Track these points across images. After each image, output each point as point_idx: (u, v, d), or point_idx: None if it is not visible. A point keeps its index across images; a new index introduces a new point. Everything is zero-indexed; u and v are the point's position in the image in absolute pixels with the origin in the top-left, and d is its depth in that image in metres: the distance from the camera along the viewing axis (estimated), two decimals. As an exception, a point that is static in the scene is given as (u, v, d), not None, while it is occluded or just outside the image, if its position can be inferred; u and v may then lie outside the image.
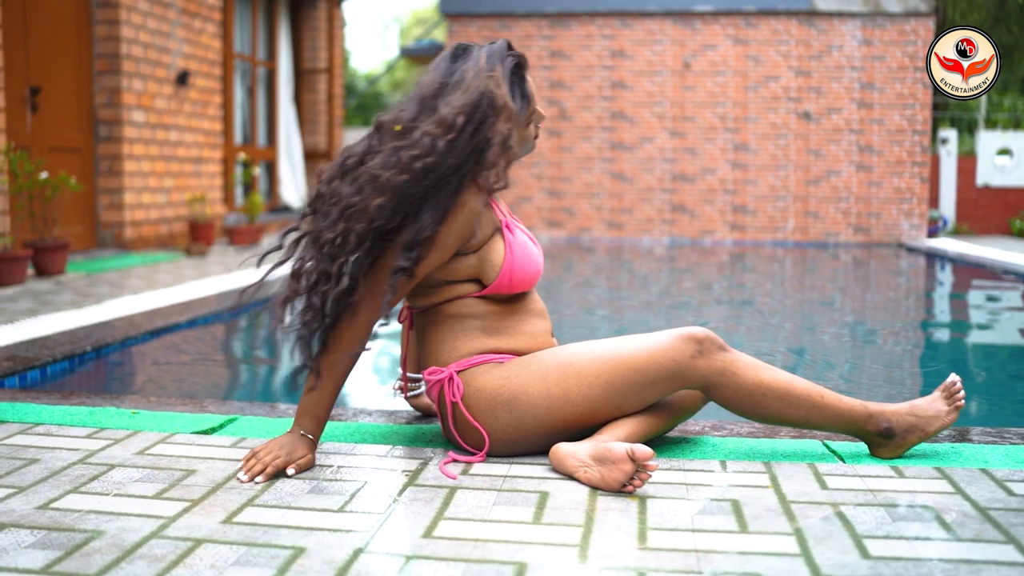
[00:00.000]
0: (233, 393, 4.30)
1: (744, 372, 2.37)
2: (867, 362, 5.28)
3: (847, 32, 13.34)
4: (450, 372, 2.42)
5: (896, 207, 13.49)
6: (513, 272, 2.43)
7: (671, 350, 2.35)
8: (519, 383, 2.38)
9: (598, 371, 2.37)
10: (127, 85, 8.69)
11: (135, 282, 6.72)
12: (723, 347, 2.37)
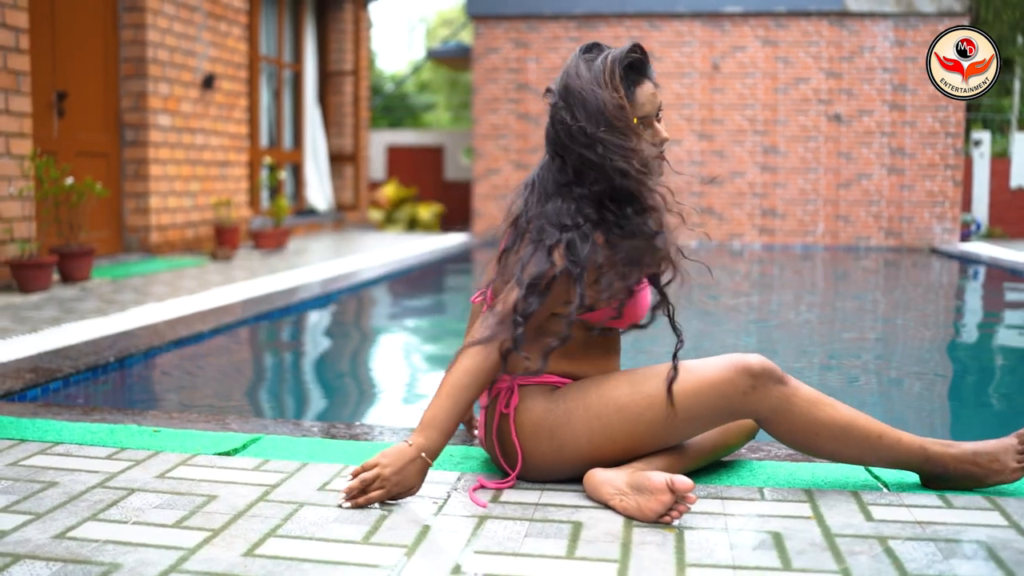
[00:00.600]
0: (257, 407, 4.23)
1: (800, 409, 2.25)
2: (898, 373, 5.15)
3: (879, 33, 13.16)
4: (513, 383, 2.33)
5: (928, 211, 13.30)
6: (638, 307, 2.35)
7: (722, 385, 2.22)
8: (564, 411, 2.29)
9: (642, 407, 2.26)
10: (153, 89, 8.67)
11: (160, 288, 6.68)
12: (780, 379, 2.24)
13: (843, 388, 4.63)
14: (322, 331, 6.42)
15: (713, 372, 2.23)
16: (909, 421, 4.05)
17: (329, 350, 5.75)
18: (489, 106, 13.82)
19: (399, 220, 14.61)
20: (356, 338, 6.28)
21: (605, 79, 2.26)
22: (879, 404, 4.38)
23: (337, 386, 4.84)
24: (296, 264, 8.69)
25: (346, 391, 4.73)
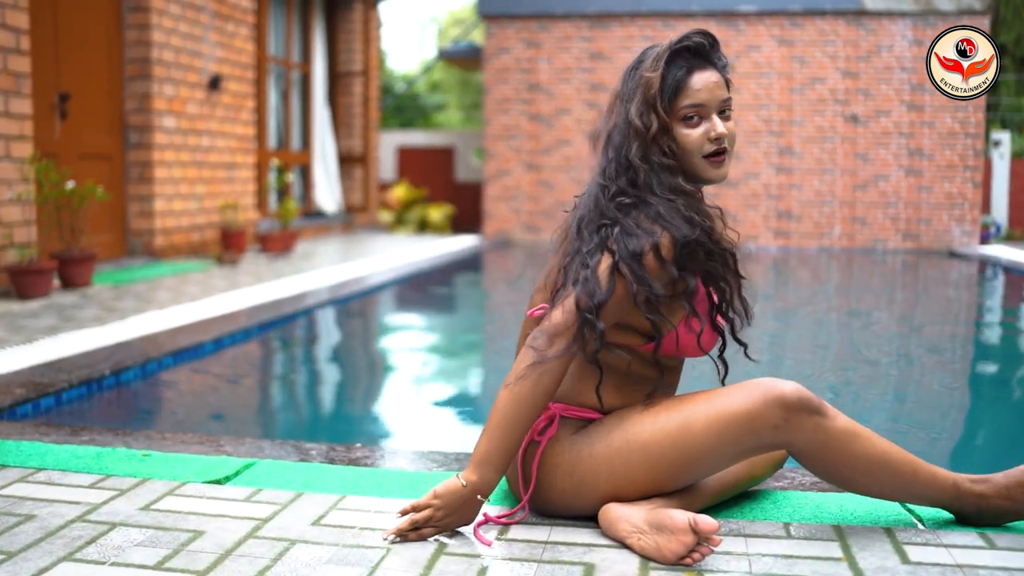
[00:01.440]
0: (255, 424, 4.07)
1: (836, 443, 2.06)
2: (917, 387, 4.98)
3: (897, 32, 12.94)
4: (556, 412, 2.17)
5: (947, 213, 13.09)
6: (703, 338, 2.16)
7: (751, 419, 2.02)
8: (587, 446, 2.12)
9: (665, 447, 2.07)
10: (158, 90, 8.53)
11: (162, 294, 6.54)
12: (816, 409, 2.03)
13: (859, 401, 4.46)
14: (327, 340, 6.27)
15: (741, 404, 2.03)
16: (931, 447, 3.88)
17: (334, 361, 5.60)
18: (500, 107, 13.66)
19: (409, 222, 14.46)
20: (362, 349, 6.12)
21: (650, 62, 2.13)
22: (898, 423, 4.20)
23: (341, 401, 4.68)
24: (303, 268, 8.54)
25: (350, 407, 4.57)
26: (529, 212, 13.67)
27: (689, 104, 2.10)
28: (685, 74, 2.11)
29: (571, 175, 13.50)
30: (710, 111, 2.12)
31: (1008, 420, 4.40)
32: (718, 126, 2.11)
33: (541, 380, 2.03)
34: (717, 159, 2.13)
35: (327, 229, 13.00)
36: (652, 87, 2.11)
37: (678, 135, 2.12)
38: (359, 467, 2.71)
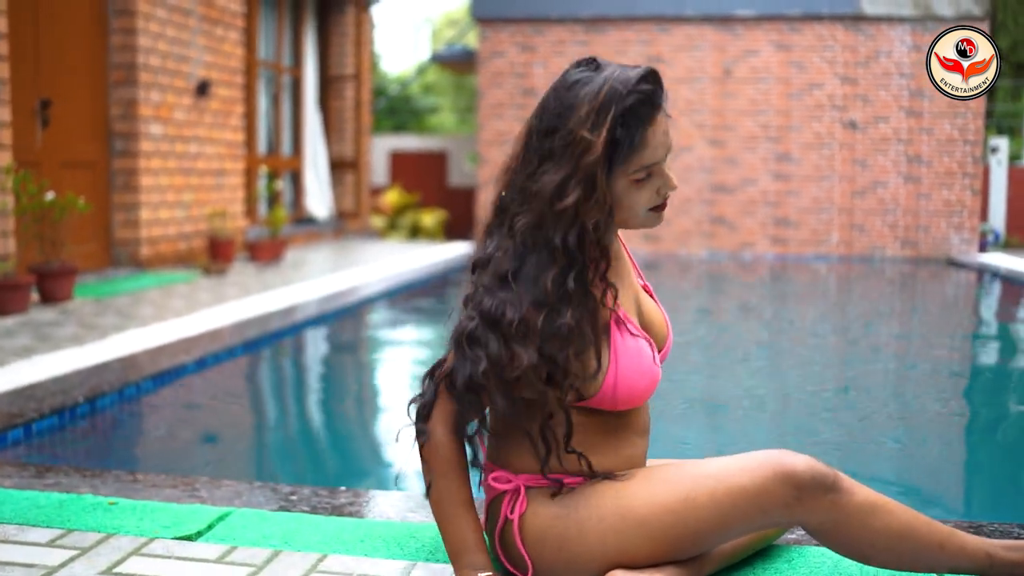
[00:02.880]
0: (234, 459, 3.86)
1: (853, 520, 1.86)
2: (910, 411, 4.80)
3: (896, 37, 12.78)
4: (520, 485, 1.96)
5: (945, 220, 12.93)
6: (618, 388, 1.89)
7: (760, 497, 1.82)
8: (575, 521, 1.91)
9: (666, 523, 1.87)
10: (144, 97, 8.33)
11: (145, 309, 6.34)
12: (831, 487, 1.82)
13: (855, 434, 4.28)
14: (315, 361, 6.06)
15: (749, 481, 1.83)
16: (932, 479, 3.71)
17: (321, 385, 5.39)
18: (494, 111, 13.47)
19: (402, 227, 14.28)
20: (352, 370, 5.92)
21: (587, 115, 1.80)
22: (894, 454, 4.02)
23: (327, 431, 4.48)
24: (292, 279, 8.34)
25: (337, 437, 4.37)
26: (523, 218, 13.46)
27: (645, 166, 1.84)
28: (640, 133, 1.81)
29: (566, 181, 13.30)
30: (662, 164, 1.86)
31: (1004, 449, 4.22)
32: (672, 180, 1.88)
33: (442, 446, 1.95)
34: (661, 209, 1.92)
35: (318, 236, 12.80)
36: (593, 154, 1.78)
37: (622, 198, 1.87)
38: (343, 517, 2.52)
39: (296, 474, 3.61)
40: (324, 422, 4.61)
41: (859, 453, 3.89)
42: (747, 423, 4.43)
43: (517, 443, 1.96)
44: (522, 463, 1.96)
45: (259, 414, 4.67)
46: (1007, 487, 3.58)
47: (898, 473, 3.69)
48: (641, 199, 1.87)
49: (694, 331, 6.97)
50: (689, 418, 4.47)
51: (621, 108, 1.79)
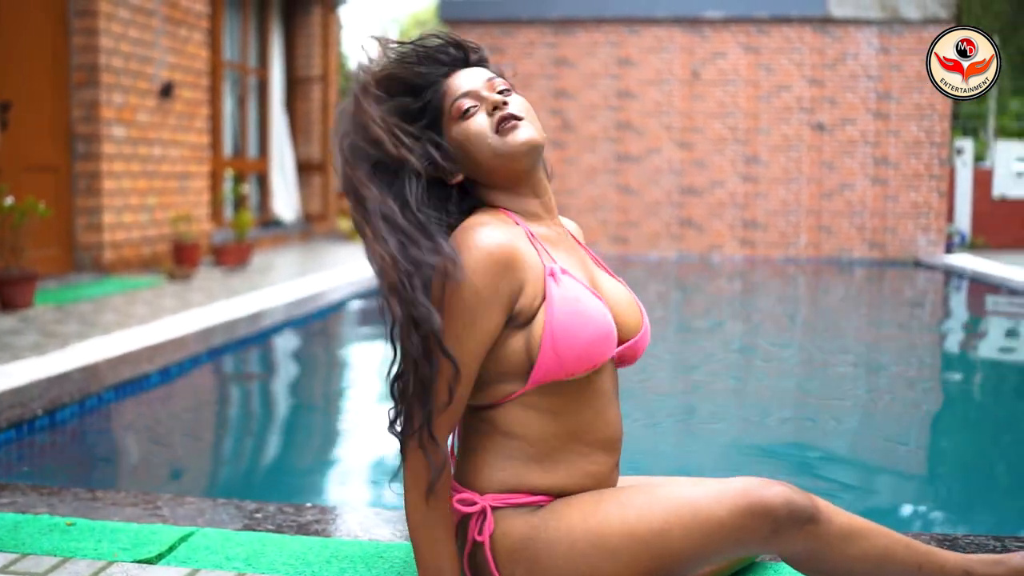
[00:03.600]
0: (199, 474, 3.77)
1: (831, 549, 1.80)
2: (875, 422, 4.79)
3: (863, 40, 12.83)
4: (485, 506, 1.89)
5: (913, 222, 12.99)
6: (556, 343, 1.77)
7: (736, 532, 1.76)
8: (545, 542, 1.85)
9: (639, 555, 1.80)
10: (106, 98, 8.19)
11: (108, 316, 6.22)
12: (807, 519, 1.76)
13: (825, 437, 4.25)
14: (283, 369, 5.97)
15: (726, 514, 1.76)
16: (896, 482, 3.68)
17: (287, 395, 5.30)
18: (462, 113, 13.38)
19: (370, 230, 14.17)
20: (321, 378, 5.83)
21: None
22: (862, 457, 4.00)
23: (294, 443, 4.39)
24: (258, 284, 8.23)
25: (304, 450, 4.28)
26: (492, 221, 13.39)
27: (459, 96, 1.86)
28: (443, 76, 1.89)
29: (535, 183, 13.24)
30: (478, 90, 1.86)
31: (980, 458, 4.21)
32: (493, 97, 1.85)
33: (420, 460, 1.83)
34: (507, 126, 1.83)
35: (285, 239, 12.68)
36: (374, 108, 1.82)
37: (455, 137, 1.86)
38: (309, 536, 2.45)
39: (263, 489, 3.52)
40: (292, 433, 4.52)
41: (828, 469, 3.86)
42: (714, 432, 4.39)
43: (482, 460, 1.90)
44: (487, 482, 1.89)
45: (225, 425, 4.58)
46: (981, 497, 3.56)
47: (866, 484, 3.66)
48: (474, 128, 1.84)
49: (661, 334, 6.94)
50: (657, 427, 4.43)
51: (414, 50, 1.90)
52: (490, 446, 1.89)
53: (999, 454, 4.18)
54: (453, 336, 1.76)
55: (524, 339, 1.79)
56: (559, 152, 13.21)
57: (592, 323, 1.78)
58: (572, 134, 13.23)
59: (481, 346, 1.78)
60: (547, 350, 1.76)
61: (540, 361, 1.77)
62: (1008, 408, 5.11)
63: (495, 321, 1.78)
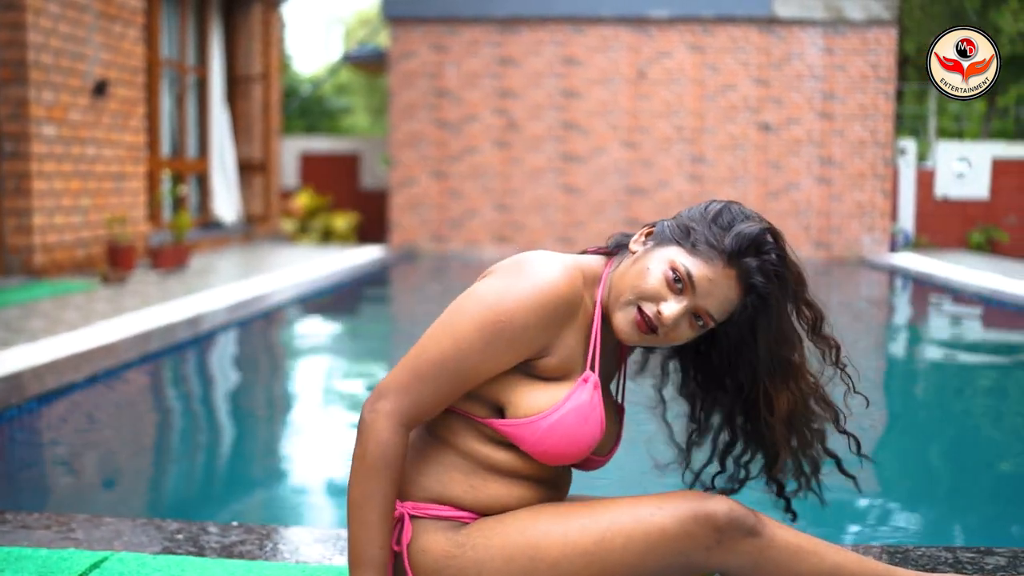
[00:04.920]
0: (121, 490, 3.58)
1: (776, 563, 1.74)
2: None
3: (808, 40, 12.86)
4: (403, 513, 1.78)
5: (857, 221, 13.06)
6: (545, 436, 1.75)
7: (679, 541, 1.71)
8: (472, 561, 1.74)
9: (578, 566, 1.72)
10: (35, 96, 7.92)
11: (36, 323, 5.99)
12: (751, 530, 1.71)
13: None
14: (217, 377, 5.77)
15: (669, 520, 1.71)
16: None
17: (222, 404, 5.11)
18: (406, 113, 13.23)
19: (313, 230, 13.94)
20: (258, 386, 5.64)
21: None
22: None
23: (226, 456, 4.21)
24: (196, 287, 8.01)
25: (237, 463, 4.11)
26: (437, 222, 13.26)
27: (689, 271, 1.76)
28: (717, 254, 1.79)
29: (479, 184, 13.13)
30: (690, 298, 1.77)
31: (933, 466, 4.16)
32: (666, 316, 1.74)
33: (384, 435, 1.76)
34: (641, 327, 1.76)
35: (226, 241, 12.42)
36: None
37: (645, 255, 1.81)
38: (232, 560, 2.30)
39: (190, 506, 3.35)
40: (224, 446, 4.34)
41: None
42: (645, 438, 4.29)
43: (412, 465, 1.80)
44: (412, 487, 1.79)
45: (152, 438, 4.39)
46: (931, 507, 3.50)
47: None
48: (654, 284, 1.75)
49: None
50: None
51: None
52: (424, 450, 1.81)
53: (948, 461, 4.13)
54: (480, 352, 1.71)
55: (515, 388, 1.76)
56: (504, 152, 13.09)
57: (581, 443, 1.77)
58: (517, 134, 13.12)
59: (495, 372, 1.74)
60: (533, 430, 1.74)
61: (519, 431, 1.75)
62: (955, 413, 5.07)
63: (519, 358, 1.74)
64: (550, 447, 1.74)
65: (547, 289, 1.70)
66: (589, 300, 1.81)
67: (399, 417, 1.71)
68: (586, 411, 1.75)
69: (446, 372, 1.71)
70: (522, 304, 1.69)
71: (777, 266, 1.77)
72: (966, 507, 3.41)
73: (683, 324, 1.76)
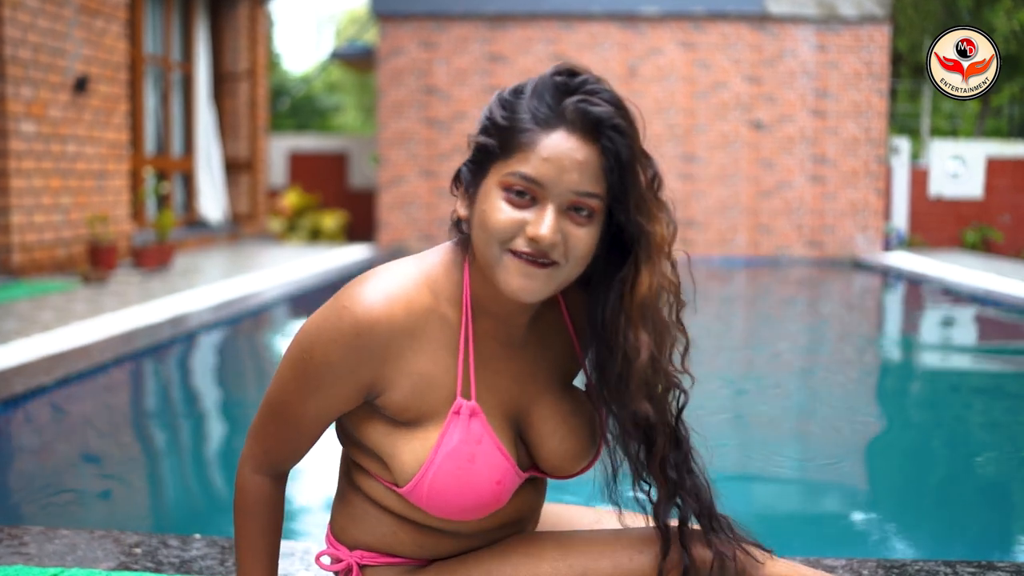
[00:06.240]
0: (79, 504, 3.42)
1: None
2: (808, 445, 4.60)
3: (800, 37, 12.74)
4: (352, 563, 1.61)
5: (851, 220, 12.94)
6: (429, 495, 1.47)
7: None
8: None
9: None
10: (14, 92, 7.76)
11: (11, 323, 5.83)
12: (741, 574, 1.52)
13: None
14: (193, 381, 5.61)
15: (648, 568, 1.52)
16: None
17: (193, 410, 4.95)
18: (395, 111, 13.08)
19: (301, 230, 13.79)
20: (232, 392, 5.47)
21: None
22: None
23: (194, 464, 4.06)
24: (178, 287, 7.86)
25: (206, 472, 3.96)
26: (425, 221, 13.11)
27: (519, 173, 1.38)
28: (537, 133, 1.40)
29: (470, 182, 12.96)
30: (549, 196, 1.39)
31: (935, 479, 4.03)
32: (546, 224, 1.37)
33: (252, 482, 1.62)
34: (520, 258, 1.39)
35: (212, 240, 12.26)
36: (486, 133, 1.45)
37: (482, 204, 1.42)
38: (190, 575, 2.16)
39: (153, 517, 3.21)
40: (193, 454, 4.19)
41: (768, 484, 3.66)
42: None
43: (350, 520, 1.61)
44: (360, 535, 1.60)
45: (120, 444, 4.23)
46: (930, 520, 3.37)
47: (808, 508, 3.46)
48: (499, 218, 1.38)
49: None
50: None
51: (533, 85, 1.44)
52: (361, 507, 1.59)
53: (946, 474, 4.00)
54: (296, 392, 1.48)
55: (392, 447, 1.48)
56: (495, 150, 12.92)
57: (476, 491, 1.46)
58: (508, 132, 12.95)
59: (323, 414, 1.50)
60: (418, 494, 1.47)
61: (407, 494, 1.48)
62: (951, 422, 4.94)
63: (343, 399, 1.48)
64: (452, 509, 1.47)
65: (353, 319, 1.40)
66: (451, 310, 1.48)
67: (253, 463, 1.56)
68: (465, 452, 1.46)
69: (278, 416, 1.51)
70: (321, 337, 1.42)
71: (596, 87, 1.42)
72: (966, 519, 3.28)
73: (569, 228, 1.39)
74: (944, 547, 2.96)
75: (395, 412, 1.47)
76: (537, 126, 1.38)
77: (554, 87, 1.41)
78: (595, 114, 1.38)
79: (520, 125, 1.39)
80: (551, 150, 1.37)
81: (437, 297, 1.47)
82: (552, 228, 1.36)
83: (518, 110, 1.41)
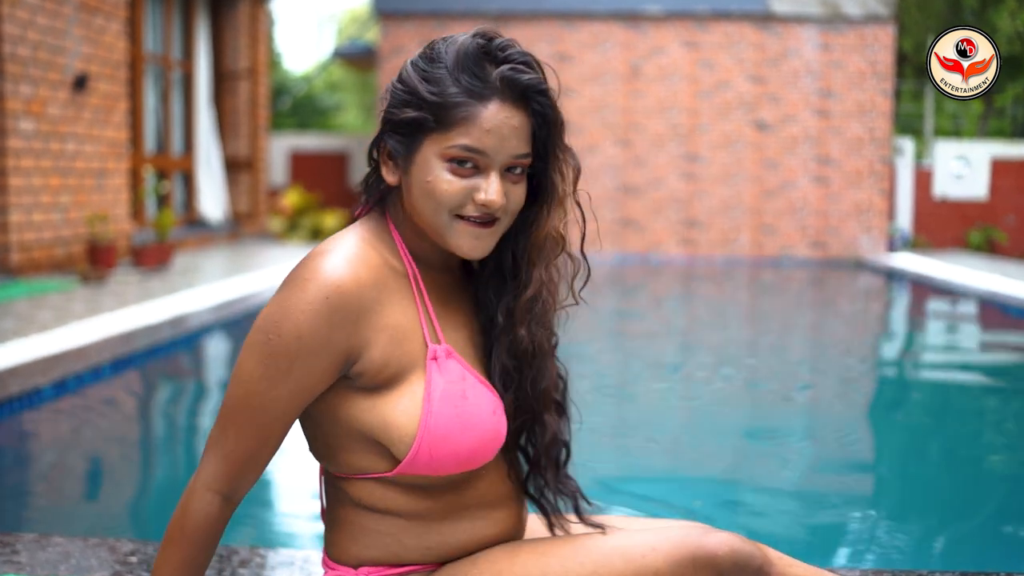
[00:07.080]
0: (75, 511, 3.35)
1: None
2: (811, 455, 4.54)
3: (805, 37, 12.67)
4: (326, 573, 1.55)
5: (855, 221, 12.87)
6: (433, 447, 1.44)
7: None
8: None
9: None
10: (13, 90, 7.70)
11: (8, 323, 5.77)
12: (757, 570, 1.48)
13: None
14: (192, 382, 5.55)
15: (661, 564, 1.48)
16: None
17: (192, 412, 4.89)
18: (397, 110, 12.99)
19: (302, 229, 13.72)
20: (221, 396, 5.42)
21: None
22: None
23: (192, 468, 3.99)
24: (177, 287, 7.79)
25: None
26: (428, 220, 13.04)
27: (462, 145, 1.43)
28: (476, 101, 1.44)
29: (472, 182, 12.91)
30: (493, 164, 1.45)
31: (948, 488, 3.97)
32: (492, 189, 1.44)
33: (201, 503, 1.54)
34: (473, 223, 1.46)
35: (211, 239, 12.20)
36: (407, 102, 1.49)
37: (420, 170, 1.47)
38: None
39: (150, 524, 3.14)
40: (192, 459, 4.13)
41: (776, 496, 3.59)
42: (647, 452, 4.10)
43: (350, 536, 1.54)
44: (362, 552, 1.53)
45: (116, 449, 4.16)
46: (946, 528, 3.30)
47: (817, 518, 3.39)
48: (448, 188, 1.44)
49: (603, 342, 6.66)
50: (593, 447, 4.12)
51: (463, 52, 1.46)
52: (357, 521, 1.53)
53: (959, 481, 3.92)
54: (264, 379, 1.43)
55: (381, 417, 1.44)
56: (497, 150, 12.86)
57: (479, 426, 1.47)
58: (510, 131, 12.89)
59: (295, 401, 1.45)
60: (422, 451, 1.43)
61: (412, 458, 1.44)
62: (961, 428, 4.87)
63: (317, 376, 1.44)
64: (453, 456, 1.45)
65: (319, 286, 1.40)
66: (398, 264, 1.51)
67: (207, 476, 1.49)
68: (456, 390, 1.47)
69: (241, 414, 1.46)
70: (289, 314, 1.41)
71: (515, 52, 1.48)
72: (970, 527, 3.22)
73: (507, 187, 1.46)
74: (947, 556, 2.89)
75: (374, 373, 1.44)
76: (471, 99, 1.44)
77: (477, 56, 1.45)
78: (524, 82, 1.46)
79: (452, 99, 1.44)
80: (491, 122, 1.44)
81: (383, 255, 1.51)
82: (499, 192, 1.45)
83: (444, 83, 1.45)
